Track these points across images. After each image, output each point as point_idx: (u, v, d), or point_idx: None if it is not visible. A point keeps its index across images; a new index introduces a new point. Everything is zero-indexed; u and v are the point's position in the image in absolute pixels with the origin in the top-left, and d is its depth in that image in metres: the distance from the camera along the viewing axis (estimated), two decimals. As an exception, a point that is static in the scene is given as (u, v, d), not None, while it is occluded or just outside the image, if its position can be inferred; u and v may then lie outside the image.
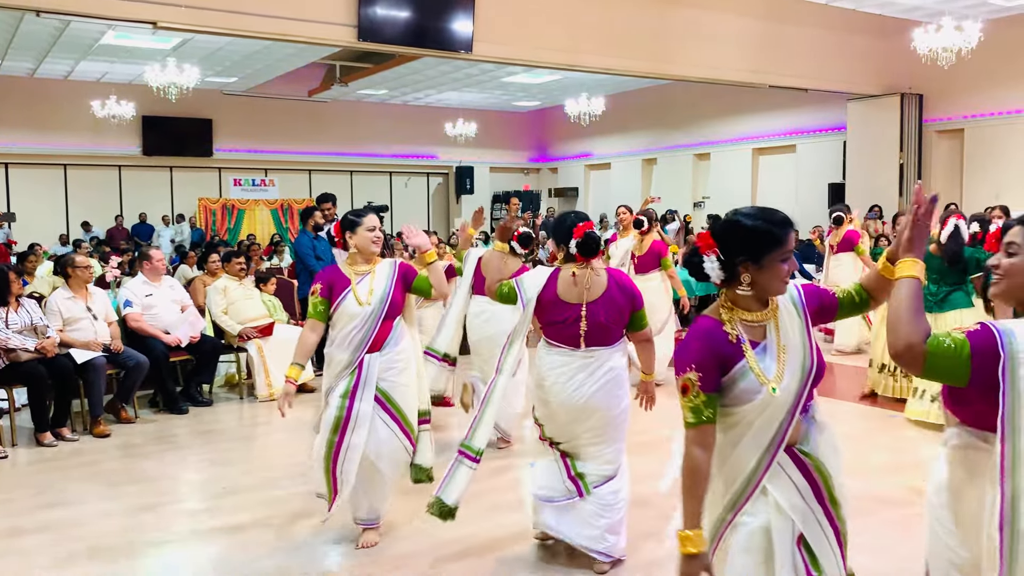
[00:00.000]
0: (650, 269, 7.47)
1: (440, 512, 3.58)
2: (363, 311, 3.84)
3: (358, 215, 3.96)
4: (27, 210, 16.51)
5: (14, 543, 4.16)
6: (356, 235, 3.92)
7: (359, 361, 3.89)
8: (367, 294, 3.86)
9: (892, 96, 13.16)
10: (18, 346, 5.81)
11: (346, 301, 3.86)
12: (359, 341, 3.87)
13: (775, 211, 2.31)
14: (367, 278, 3.90)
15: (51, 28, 12.32)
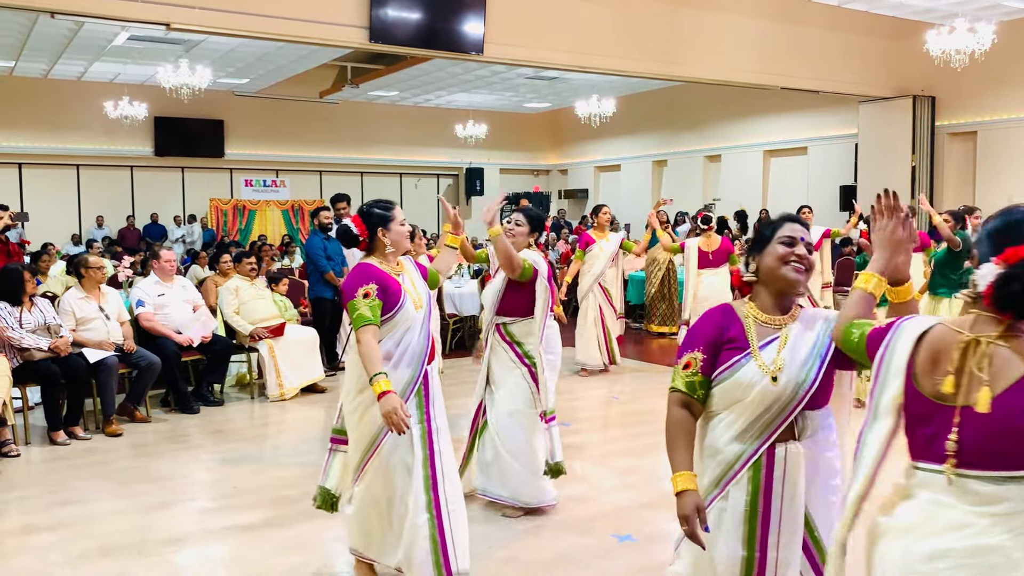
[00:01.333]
0: (720, 264, 7.94)
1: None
2: (419, 315, 3.38)
3: (386, 208, 3.45)
4: (40, 210, 16.57)
5: (28, 540, 4.19)
6: (391, 231, 3.40)
7: (422, 375, 3.37)
8: (416, 295, 3.41)
9: (904, 98, 13.10)
10: (32, 345, 5.85)
11: (407, 305, 3.33)
12: (420, 351, 3.36)
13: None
14: (406, 278, 3.44)
15: (65, 29, 12.40)
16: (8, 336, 5.80)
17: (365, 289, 3.22)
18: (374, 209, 3.43)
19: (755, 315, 2.32)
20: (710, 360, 2.29)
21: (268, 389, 7.24)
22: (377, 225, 3.39)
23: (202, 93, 13.61)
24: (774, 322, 2.31)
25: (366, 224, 3.40)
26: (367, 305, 3.19)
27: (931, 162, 13.33)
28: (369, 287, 3.23)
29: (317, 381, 7.53)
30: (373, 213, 3.41)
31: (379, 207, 3.44)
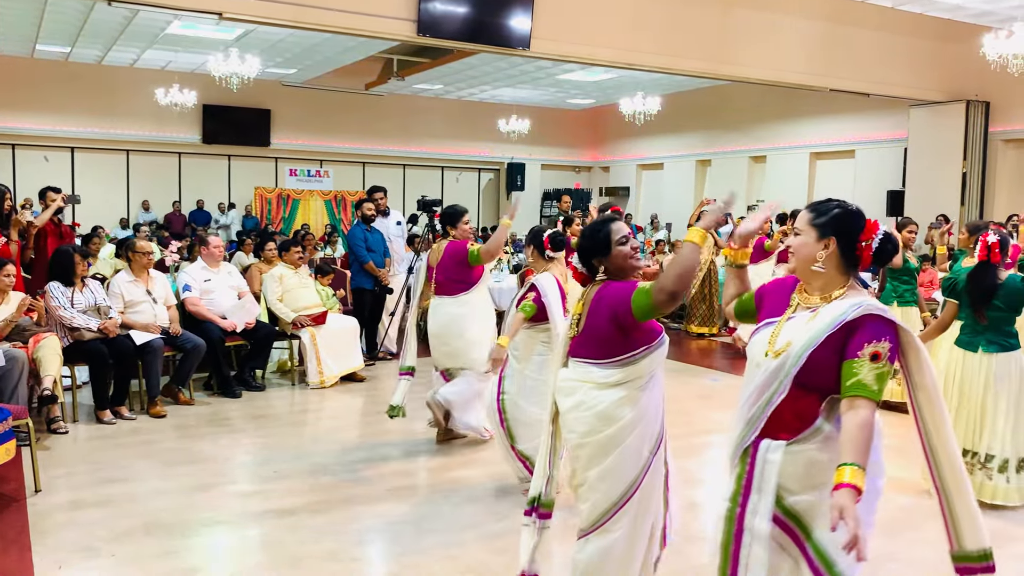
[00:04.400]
0: (757, 261, 8.35)
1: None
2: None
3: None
4: (90, 193, 16.88)
5: (75, 516, 4.29)
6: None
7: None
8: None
9: (957, 103, 12.84)
10: (82, 325, 5.99)
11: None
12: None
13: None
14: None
15: (120, 17, 12.64)
16: (60, 315, 5.95)
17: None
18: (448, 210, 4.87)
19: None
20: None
21: (309, 376, 7.33)
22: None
23: (250, 82, 13.80)
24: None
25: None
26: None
27: (983, 169, 13.05)
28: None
29: (357, 370, 7.60)
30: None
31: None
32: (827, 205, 2.43)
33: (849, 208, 2.41)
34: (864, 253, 2.37)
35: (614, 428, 2.77)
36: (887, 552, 3.93)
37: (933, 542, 4.10)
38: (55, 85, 16.53)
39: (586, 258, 2.92)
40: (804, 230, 2.40)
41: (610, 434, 2.77)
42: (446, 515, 4.38)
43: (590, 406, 2.79)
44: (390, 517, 4.38)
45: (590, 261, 2.92)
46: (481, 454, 5.42)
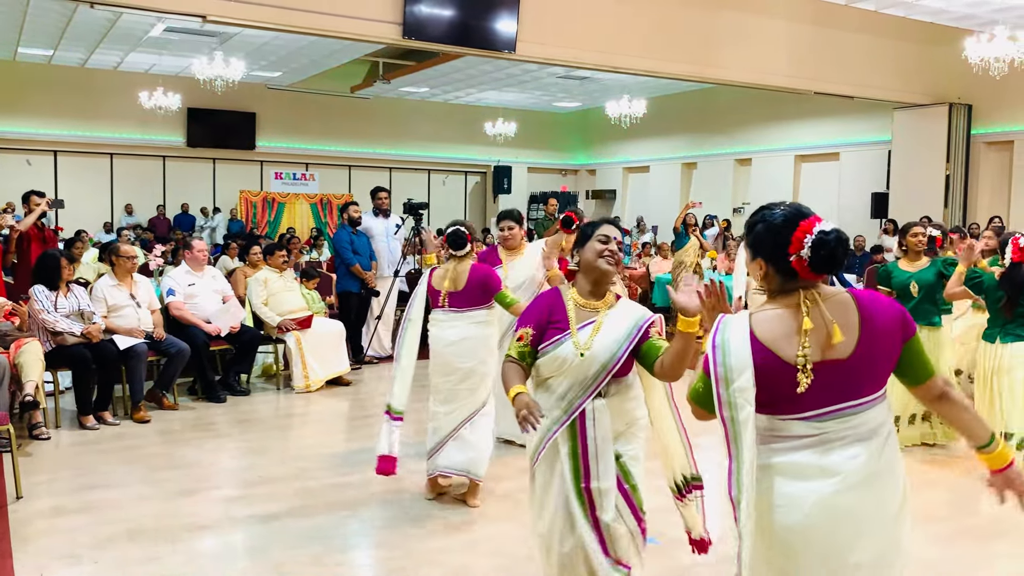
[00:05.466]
0: None
1: None
2: None
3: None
4: (74, 197, 16.79)
5: (57, 522, 4.25)
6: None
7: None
8: None
9: (940, 106, 12.93)
10: (65, 329, 5.94)
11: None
12: None
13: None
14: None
15: (103, 20, 12.56)
16: (43, 319, 5.90)
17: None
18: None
19: (576, 299, 2.84)
20: (538, 336, 2.80)
21: (294, 380, 7.30)
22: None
23: (235, 85, 13.73)
24: (591, 306, 2.83)
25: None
26: None
27: (966, 171, 13.15)
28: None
29: (342, 374, 7.57)
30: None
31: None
32: (753, 221, 2.16)
33: (773, 221, 2.10)
34: (797, 266, 2.04)
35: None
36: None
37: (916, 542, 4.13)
38: (38, 88, 16.40)
39: (573, 249, 3.01)
40: (745, 250, 2.22)
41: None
42: (432, 519, 4.37)
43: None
44: (375, 522, 4.36)
45: (573, 252, 3.01)
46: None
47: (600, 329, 2.77)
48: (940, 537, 4.20)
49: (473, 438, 4.52)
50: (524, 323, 2.84)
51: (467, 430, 4.52)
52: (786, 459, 2.03)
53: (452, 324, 4.52)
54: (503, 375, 2.78)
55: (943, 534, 4.25)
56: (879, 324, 2.04)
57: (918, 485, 4.93)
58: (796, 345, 2.01)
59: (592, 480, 2.79)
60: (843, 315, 2.03)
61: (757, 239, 2.14)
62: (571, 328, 2.78)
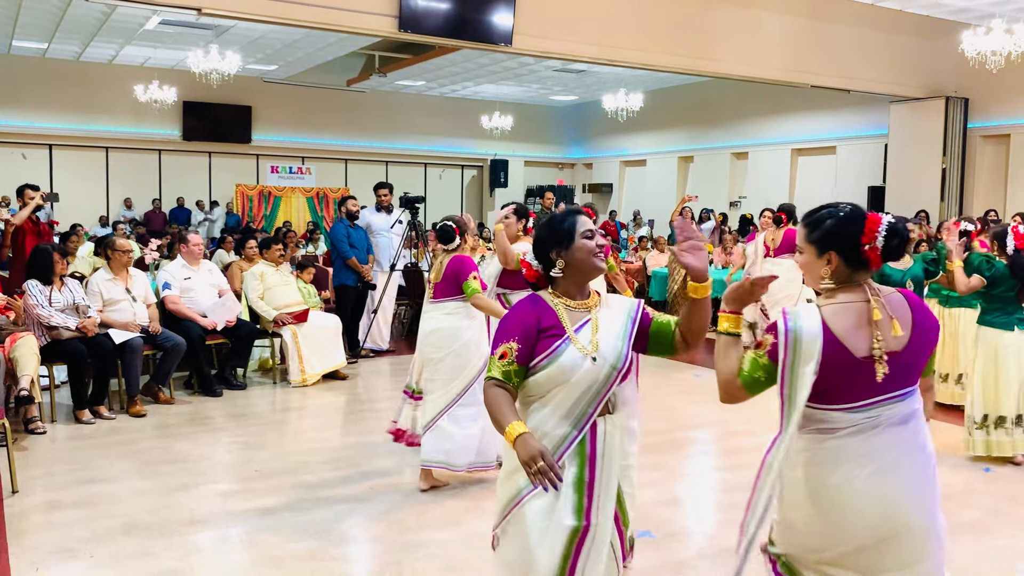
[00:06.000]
0: (779, 255, 8.23)
1: None
2: None
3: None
4: (69, 191, 16.79)
5: (53, 517, 4.25)
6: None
7: None
8: None
9: (937, 99, 12.93)
10: (60, 324, 5.93)
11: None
12: None
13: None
14: None
15: (97, 12, 12.51)
16: (38, 313, 5.89)
17: None
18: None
19: (564, 302, 2.49)
20: (526, 350, 2.40)
21: (290, 374, 7.30)
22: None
23: (231, 79, 13.69)
24: (582, 306, 2.50)
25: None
26: None
27: (962, 164, 13.15)
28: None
29: (339, 368, 7.57)
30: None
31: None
32: (820, 217, 2.29)
33: (842, 215, 2.25)
34: (871, 255, 2.21)
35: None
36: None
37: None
38: (32, 81, 16.34)
39: (543, 251, 2.51)
40: (804, 248, 2.30)
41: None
42: (427, 513, 4.37)
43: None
44: (371, 516, 4.36)
45: (547, 254, 2.50)
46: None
47: (598, 327, 2.45)
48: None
49: (451, 429, 4.56)
50: (505, 337, 2.40)
51: (444, 421, 4.57)
52: (835, 443, 2.18)
53: (430, 315, 4.65)
54: (489, 405, 2.35)
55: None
56: (926, 322, 2.26)
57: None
58: (866, 337, 2.17)
59: (592, 516, 2.37)
60: (901, 311, 2.22)
61: (828, 233, 2.25)
62: (568, 332, 2.41)
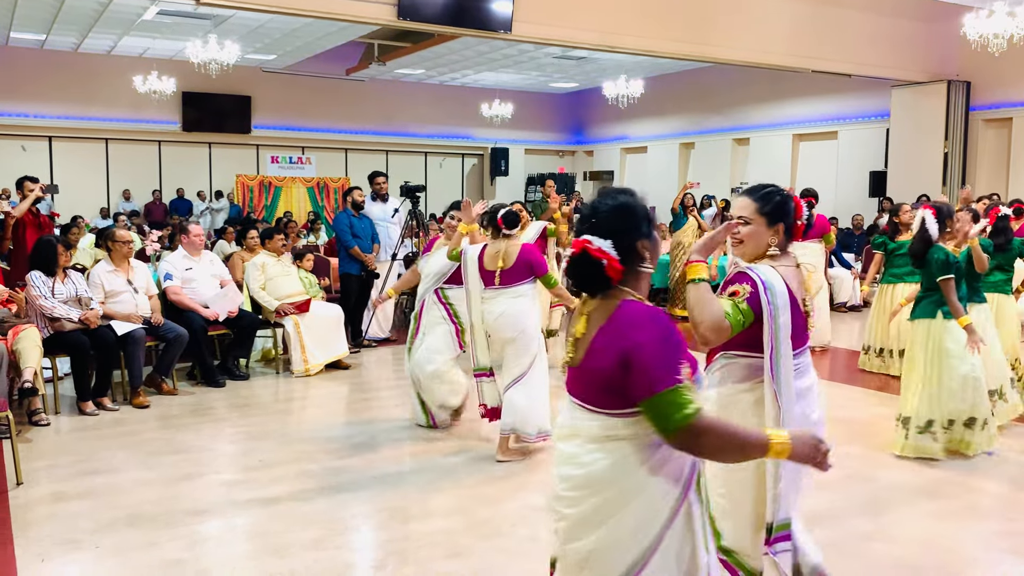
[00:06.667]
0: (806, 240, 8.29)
1: None
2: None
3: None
4: (69, 182, 16.78)
5: (57, 508, 4.26)
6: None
7: None
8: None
9: (938, 83, 12.88)
10: (63, 316, 5.93)
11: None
12: None
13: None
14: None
15: (95, 3, 12.47)
16: (41, 305, 5.88)
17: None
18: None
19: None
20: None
21: (293, 364, 7.30)
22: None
23: (230, 69, 13.65)
24: None
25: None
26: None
27: (964, 148, 13.11)
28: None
29: (341, 358, 7.57)
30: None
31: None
32: (769, 194, 2.70)
33: (785, 194, 2.72)
34: (798, 230, 2.73)
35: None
36: (871, 531, 3.96)
37: (917, 520, 4.14)
38: (31, 73, 16.30)
39: (629, 241, 2.03)
40: (755, 219, 2.68)
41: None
42: (431, 502, 4.38)
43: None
44: (375, 504, 4.37)
45: (634, 245, 2.04)
46: (467, 440, 5.42)
47: None
48: (938, 514, 4.22)
49: (520, 400, 4.90)
50: (680, 359, 1.95)
51: (514, 392, 4.93)
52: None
53: (496, 299, 4.97)
54: (726, 435, 1.94)
55: (946, 512, 4.26)
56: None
57: (916, 466, 4.95)
58: (800, 295, 2.65)
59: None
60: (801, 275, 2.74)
61: (778, 207, 2.68)
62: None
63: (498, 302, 4.96)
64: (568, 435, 2.10)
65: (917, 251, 4.97)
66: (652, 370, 1.90)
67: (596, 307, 2.05)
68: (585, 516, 2.05)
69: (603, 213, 2.04)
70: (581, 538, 2.06)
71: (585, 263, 1.99)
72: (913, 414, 4.94)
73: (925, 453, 4.92)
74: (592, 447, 2.04)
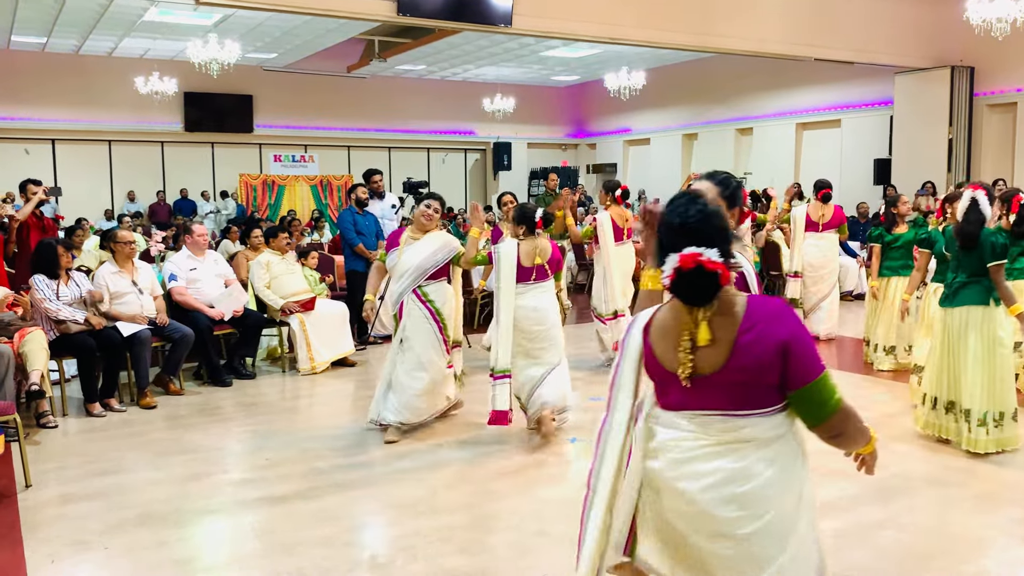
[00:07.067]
0: (825, 231, 8.56)
1: None
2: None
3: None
4: (73, 185, 16.82)
5: (66, 510, 4.27)
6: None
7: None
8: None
9: (942, 69, 12.80)
10: (68, 318, 5.93)
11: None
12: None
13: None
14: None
15: (95, 5, 12.46)
16: (46, 308, 5.89)
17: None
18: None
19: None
20: None
21: (299, 363, 7.30)
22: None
23: (231, 68, 13.64)
24: None
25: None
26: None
27: (969, 134, 13.04)
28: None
29: (347, 355, 7.57)
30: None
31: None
32: (727, 179, 2.86)
33: (737, 181, 2.88)
34: (743, 216, 3.02)
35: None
36: (881, 519, 3.95)
37: (926, 508, 4.12)
38: (32, 76, 16.31)
39: (725, 247, 2.07)
40: (720, 203, 2.60)
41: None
42: (440, 497, 4.37)
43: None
44: (384, 501, 4.37)
45: (729, 250, 2.07)
46: (475, 435, 5.41)
47: None
48: (953, 503, 4.20)
49: (560, 383, 5.23)
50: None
51: (553, 376, 5.20)
52: None
53: (530, 294, 5.18)
54: (857, 420, 2.10)
55: (956, 499, 4.25)
56: None
57: (929, 454, 4.93)
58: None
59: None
60: None
61: (734, 193, 2.87)
62: None
63: (529, 296, 5.18)
64: (714, 452, 2.03)
65: (969, 233, 4.65)
66: (809, 358, 1.97)
67: (715, 310, 2.03)
68: (770, 529, 2.02)
69: (696, 222, 2.05)
70: (774, 556, 2.02)
71: (700, 276, 1.97)
72: (974, 407, 4.71)
73: (986, 448, 4.71)
74: (761, 454, 2.02)
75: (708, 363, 2.02)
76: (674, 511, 2.07)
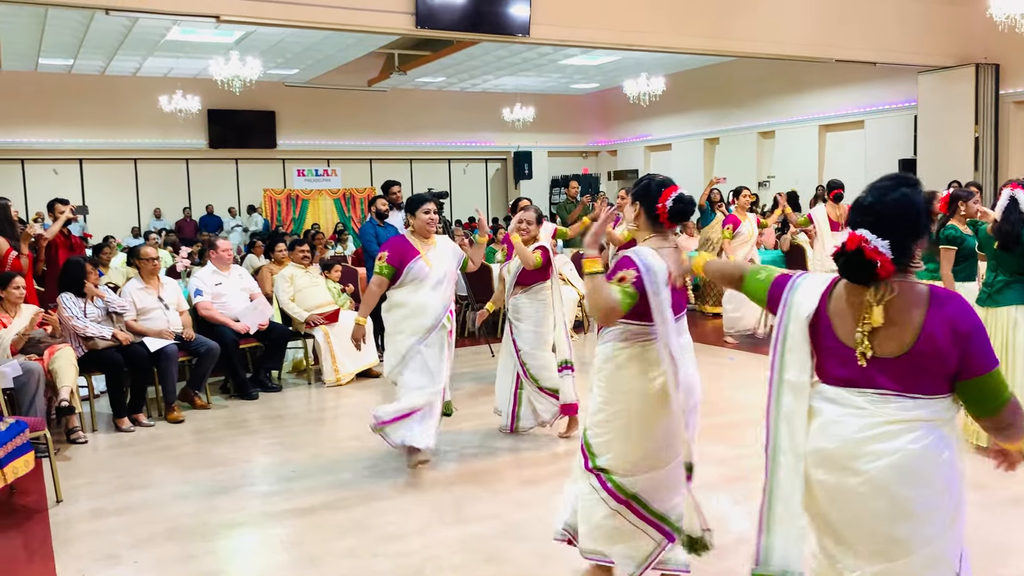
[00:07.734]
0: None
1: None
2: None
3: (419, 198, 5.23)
4: (101, 203, 17.06)
5: (97, 524, 4.31)
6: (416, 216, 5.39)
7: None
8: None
9: (966, 67, 12.64)
10: (95, 335, 6.00)
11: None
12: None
13: None
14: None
15: (119, 26, 12.65)
16: (74, 325, 5.97)
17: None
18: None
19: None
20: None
21: (324, 374, 7.34)
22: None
23: (253, 85, 13.78)
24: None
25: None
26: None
27: (995, 132, 12.85)
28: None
29: (372, 366, 7.59)
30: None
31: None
32: (639, 182, 3.20)
33: (651, 180, 3.14)
34: (663, 215, 3.07)
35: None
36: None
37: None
38: (60, 98, 16.59)
39: (911, 241, 2.07)
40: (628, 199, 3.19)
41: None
42: (466, 507, 4.37)
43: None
44: (410, 511, 4.36)
45: (911, 247, 2.07)
46: (501, 443, 5.40)
47: None
48: (982, 505, 4.13)
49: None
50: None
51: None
52: (657, 347, 3.09)
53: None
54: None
55: (985, 502, 4.17)
56: None
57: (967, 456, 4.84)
58: (677, 271, 3.01)
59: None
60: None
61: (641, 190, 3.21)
62: None
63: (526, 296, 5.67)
64: (892, 432, 2.06)
65: (1008, 232, 4.57)
66: (988, 351, 2.03)
67: (896, 294, 2.05)
68: (930, 506, 2.08)
69: (886, 209, 2.04)
70: (932, 539, 2.08)
71: (858, 259, 2.02)
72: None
73: None
74: (938, 433, 2.08)
75: (890, 346, 2.06)
76: (845, 492, 2.09)
